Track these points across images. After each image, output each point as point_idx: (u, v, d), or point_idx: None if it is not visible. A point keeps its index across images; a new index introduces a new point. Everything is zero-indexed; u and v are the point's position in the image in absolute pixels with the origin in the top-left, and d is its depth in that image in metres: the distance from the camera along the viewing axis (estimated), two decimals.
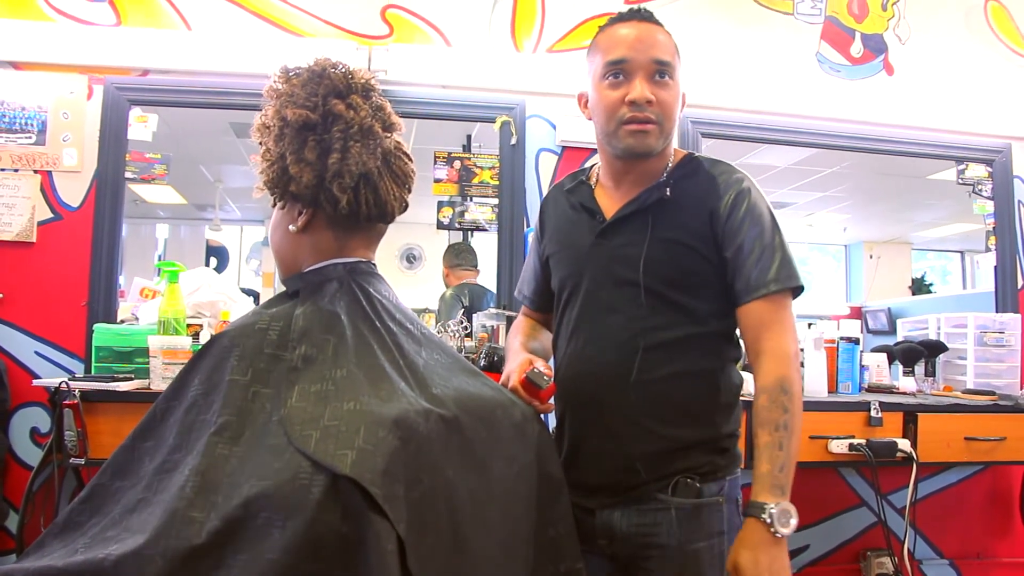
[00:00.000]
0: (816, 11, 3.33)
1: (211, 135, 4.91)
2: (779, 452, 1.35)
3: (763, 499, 1.33)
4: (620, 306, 1.49)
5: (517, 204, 3.00)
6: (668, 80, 1.46)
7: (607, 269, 1.51)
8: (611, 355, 1.48)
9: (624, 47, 1.45)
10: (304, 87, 1.19)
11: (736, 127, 3.19)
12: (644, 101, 1.43)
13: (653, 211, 1.50)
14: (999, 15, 3.46)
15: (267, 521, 0.93)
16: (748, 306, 1.45)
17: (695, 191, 1.50)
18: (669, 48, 1.48)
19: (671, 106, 1.47)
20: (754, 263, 1.44)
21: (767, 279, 1.44)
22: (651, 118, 1.44)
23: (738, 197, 1.47)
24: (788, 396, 1.39)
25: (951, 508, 3.21)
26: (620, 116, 1.45)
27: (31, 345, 2.70)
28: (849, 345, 2.93)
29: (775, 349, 1.42)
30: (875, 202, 6.73)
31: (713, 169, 1.53)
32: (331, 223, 1.23)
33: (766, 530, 1.31)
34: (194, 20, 2.88)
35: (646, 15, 1.50)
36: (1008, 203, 3.38)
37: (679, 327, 1.47)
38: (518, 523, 1.20)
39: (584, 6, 3.12)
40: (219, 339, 1.16)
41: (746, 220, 1.46)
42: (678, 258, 1.48)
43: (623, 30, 1.48)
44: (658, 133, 1.46)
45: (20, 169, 2.74)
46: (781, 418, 1.37)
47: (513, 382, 1.37)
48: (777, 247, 1.46)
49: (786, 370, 1.41)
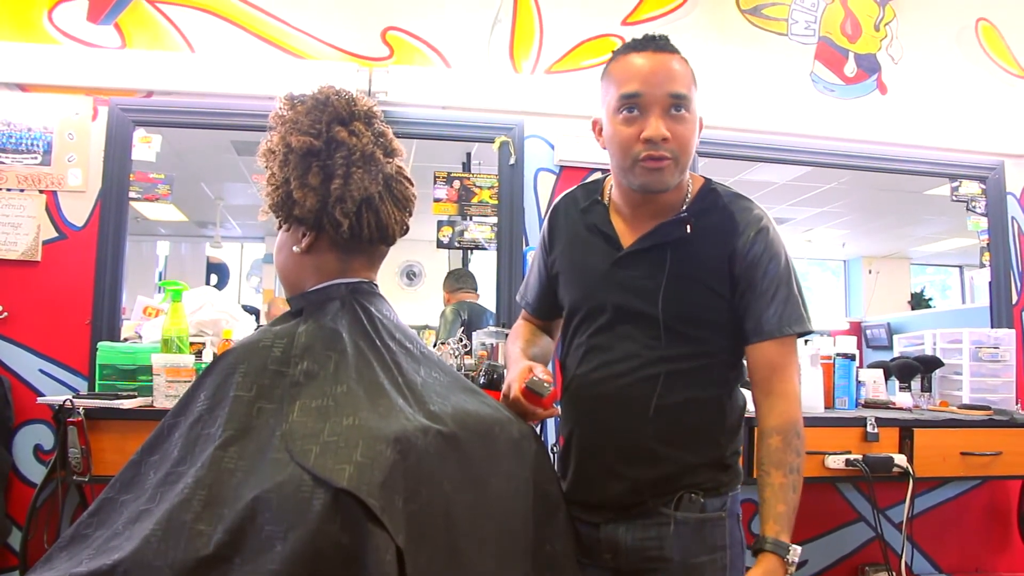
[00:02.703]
0: (810, 32, 3.38)
1: (213, 153, 4.94)
2: (792, 495, 1.42)
3: (784, 539, 1.39)
4: (636, 336, 1.50)
5: (516, 223, 3.04)
6: (684, 113, 1.42)
7: (623, 298, 1.51)
8: (627, 380, 1.49)
9: (638, 81, 1.41)
10: (308, 114, 1.22)
11: (732, 146, 3.23)
12: (660, 139, 1.40)
13: (672, 247, 1.49)
14: (990, 35, 3.51)
15: (270, 533, 0.96)
16: (760, 346, 1.48)
17: (714, 228, 1.50)
18: (685, 79, 1.44)
19: (687, 140, 1.44)
20: (767, 305, 1.47)
21: (781, 323, 1.47)
22: (666, 155, 1.41)
23: (757, 237, 1.48)
24: (800, 440, 1.45)
25: (949, 523, 3.22)
26: (635, 153, 1.42)
27: (35, 363, 2.73)
28: (845, 361, 2.95)
29: (787, 392, 1.47)
30: (873, 217, 6.77)
31: (732, 205, 1.52)
32: (334, 245, 1.26)
33: (784, 569, 1.38)
34: (197, 43, 2.93)
35: (662, 43, 1.46)
36: (1001, 220, 3.42)
37: (692, 359, 1.49)
38: (515, 538, 1.22)
39: (581, 28, 3.17)
40: (225, 357, 1.19)
41: (763, 260, 1.48)
42: (695, 296, 1.49)
43: (638, 60, 1.43)
44: (674, 168, 1.43)
45: (26, 189, 2.78)
46: (795, 461, 1.43)
47: (514, 392, 1.38)
48: (792, 290, 1.49)
49: (797, 413, 1.47)
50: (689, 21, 3.25)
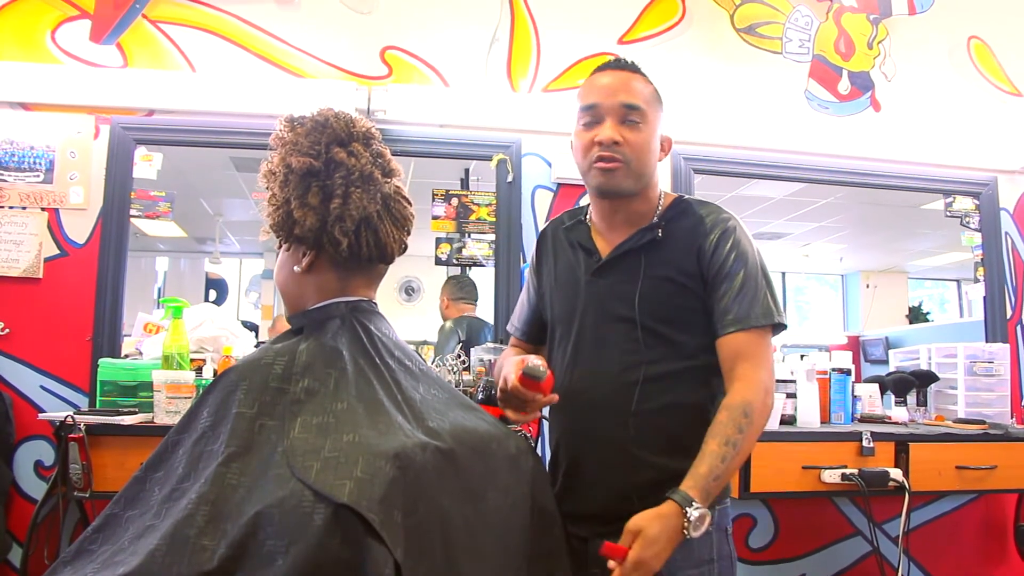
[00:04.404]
0: (804, 50, 3.42)
1: (212, 169, 4.94)
2: (720, 464, 1.39)
3: (694, 495, 1.35)
4: (615, 341, 1.55)
5: (514, 240, 3.06)
6: (639, 123, 1.54)
7: (602, 305, 1.58)
8: (607, 388, 1.54)
9: (596, 93, 1.56)
10: (308, 136, 1.24)
11: (728, 163, 3.26)
12: (610, 141, 1.51)
13: (645, 250, 1.57)
14: (982, 52, 3.55)
15: (272, 548, 0.97)
16: (727, 337, 1.51)
17: (684, 230, 1.58)
18: (642, 94, 1.56)
19: (640, 147, 1.54)
20: (734, 297, 1.51)
21: (748, 313, 1.50)
22: (617, 158, 1.52)
23: (723, 235, 1.55)
24: (747, 420, 1.43)
25: (945, 537, 3.23)
26: (591, 156, 1.55)
27: (36, 379, 2.74)
28: (841, 376, 2.97)
29: (749, 376, 1.48)
30: (870, 232, 6.79)
31: (701, 209, 1.61)
32: (334, 264, 1.28)
33: (680, 523, 1.34)
34: (198, 62, 2.96)
35: (625, 64, 1.60)
36: (995, 235, 3.45)
37: (671, 361, 1.53)
38: (512, 553, 1.24)
39: (578, 47, 3.21)
40: (227, 374, 1.21)
41: (730, 256, 1.53)
42: (669, 295, 1.54)
43: (602, 79, 1.58)
44: (626, 172, 1.54)
45: (28, 207, 2.80)
46: (734, 436, 1.42)
47: (512, 382, 1.41)
48: (760, 284, 1.52)
49: (752, 396, 1.46)
50: (685, 40, 3.28)
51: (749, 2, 3.38)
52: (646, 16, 3.27)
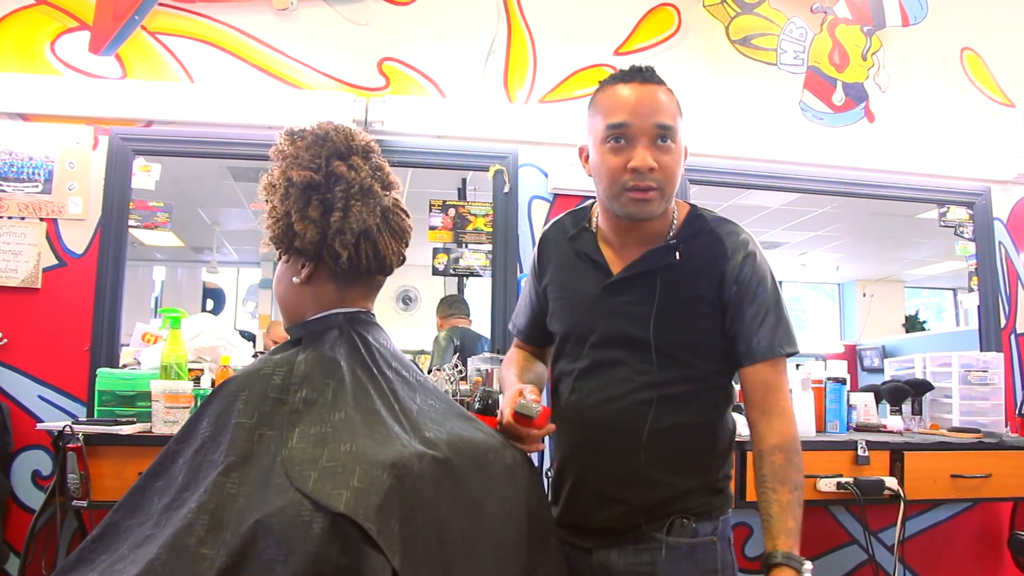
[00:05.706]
0: (799, 61, 3.45)
1: (209, 179, 4.96)
2: (798, 510, 1.42)
3: (797, 553, 1.38)
4: (628, 361, 1.52)
5: (510, 250, 3.08)
6: (670, 143, 1.45)
7: (614, 324, 1.53)
8: (619, 406, 1.51)
9: (626, 111, 1.44)
10: (308, 149, 1.25)
11: (723, 173, 3.28)
12: (647, 169, 1.42)
13: (662, 273, 1.51)
14: (974, 63, 3.58)
15: (271, 557, 0.98)
16: (754, 368, 1.51)
17: (702, 254, 1.53)
18: (671, 110, 1.47)
19: (673, 170, 1.46)
20: (757, 327, 1.50)
21: (773, 344, 1.50)
22: (652, 185, 1.44)
23: (745, 261, 1.51)
24: (800, 457, 1.47)
25: (941, 545, 3.24)
26: (623, 183, 1.45)
27: (34, 389, 2.75)
28: (836, 385, 2.98)
29: (784, 410, 1.51)
30: (866, 241, 6.82)
31: (719, 229, 1.55)
32: (333, 276, 1.29)
33: None
34: (197, 73, 2.98)
35: (648, 74, 1.49)
36: (989, 244, 3.47)
37: (684, 383, 1.51)
38: (507, 562, 1.25)
39: (574, 58, 3.23)
40: (227, 385, 1.22)
41: (752, 284, 1.51)
42: (686, 321, 1.52)
43: (625, 91, 1.46)
44: (660, 198, 1.46)
45: (27, 217, 2.81)
46: (797, 478, 1.45)
47: (506, 418, 1.40)
48: (781, 311, 1.53)
49: (795, 430, 1.50)
50: (680, 51, 3.32)
51: (744, 14, 3.41)
52: (642, 28, 3.30)
